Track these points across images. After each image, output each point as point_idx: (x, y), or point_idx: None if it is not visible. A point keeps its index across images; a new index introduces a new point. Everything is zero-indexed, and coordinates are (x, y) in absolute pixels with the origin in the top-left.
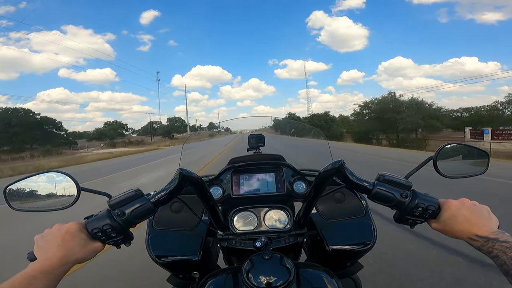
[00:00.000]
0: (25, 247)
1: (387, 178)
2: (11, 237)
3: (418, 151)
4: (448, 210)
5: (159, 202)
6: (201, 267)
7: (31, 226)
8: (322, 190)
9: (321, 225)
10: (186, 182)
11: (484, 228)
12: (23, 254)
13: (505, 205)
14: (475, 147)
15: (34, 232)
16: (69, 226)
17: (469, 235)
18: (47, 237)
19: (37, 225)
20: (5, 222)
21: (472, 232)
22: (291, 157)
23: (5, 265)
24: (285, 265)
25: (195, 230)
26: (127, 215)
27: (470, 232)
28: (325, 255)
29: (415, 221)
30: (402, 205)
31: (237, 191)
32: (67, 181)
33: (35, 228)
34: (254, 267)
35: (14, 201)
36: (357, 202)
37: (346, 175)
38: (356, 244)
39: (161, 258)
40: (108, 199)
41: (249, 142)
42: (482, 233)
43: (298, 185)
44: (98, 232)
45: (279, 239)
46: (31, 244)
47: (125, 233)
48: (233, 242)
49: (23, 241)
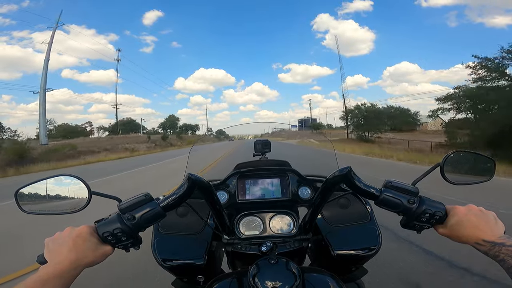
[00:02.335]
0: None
1: (394, 184)
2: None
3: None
4: (455, 216)
5: (168, 207)
6: (206, 271)
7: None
8: (328, 196)
9: (326, 230)
10: (195, 186)
11: (491, 233)
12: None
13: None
14: (482, 154)
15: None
16: (80, 229)
17: (476, 240)
18: (59, 240)
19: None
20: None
21: (479, 237)
22: (292, 159)
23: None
24: (291, 269)
25: (200, 234)
26: (137, 219)
27: (477, 237)
28: (330, 260)
29: (422, 227)
30: (409, 211)
31: (242, 196)
32: (78, 185)
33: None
34: (260, 272)
35: (25, 204)
36: (362, 208)
37: (354, 182)
38: (361, 249)
39: (166, 261)
40: (118, 203)
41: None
42: (488, 237)
43: (303, 190)
44: (108, 236)
45: (284, 244)
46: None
47: (135, 237)
48: (239, 246)
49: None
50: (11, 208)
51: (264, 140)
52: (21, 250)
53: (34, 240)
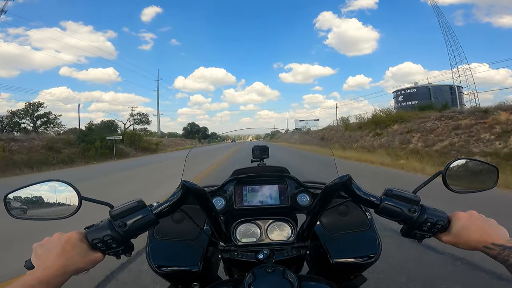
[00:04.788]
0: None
1: (395, 193)
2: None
3: None
4: (459, 221)
5: (161, 214)
6: (202, 278)
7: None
8: (327, 203)
9: (324, 238)
10: (189, 194)
11: (499, 237)
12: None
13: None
14: (485, 162)
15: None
16: (69, 235)
17: (485, 244)
18: (47, 246)
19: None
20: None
21: (488, 241)
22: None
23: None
24: (288, 278)
25: (196, 240)
26: (129, 226)
27: (486, 241)
28: (328, 268)
29: (423, 236)
30: (410, 220)
31: (240, 202)
32: (68, 191)
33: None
34: (256, 280)
35: (14, 209)
36: (361, 215)
37: (353, 189)
38: (360, 257)
39: (161, 268)
40: (110, 209)
41: (253, 154)
42: (498, 241)
43: (301, 197)
44: (98, 243)
45: (282, 252)
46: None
47: (126, 244)
48: (235, 253)
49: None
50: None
51: (263, 146)
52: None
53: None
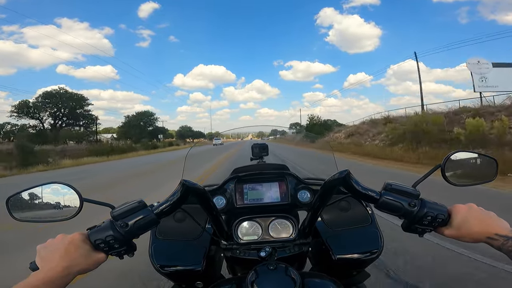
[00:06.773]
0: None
1: (394, 187)
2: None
3: None
4: (459, 214)
5: (162, 214)
6: (205, 277)
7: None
8: (327, 199)
9: (326, 234)
10: (189, 193)
11: (502, 227)
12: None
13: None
14: (484, 154)
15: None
16: (72, 236)
17: (488, 235)
18: (50, 247)
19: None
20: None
21: (491, 232)
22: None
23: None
24: (291, 275)
25: (198, 239)
26: (130, 226)
27: (489, 232)
28: (330, 264)
29: (424, 230)
30: (411, 214)
31: (240, 200)
32: (70, 193)
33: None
34: (259, 278)
35: (16, 211)
36: (362, 210)
37: (352, 184)
38: (363, 253)
39: (164, 267)
40: (111, 210)
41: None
42: (501, 231)
43: (302, 194)
44: (101, 243)
45: (284, 249)
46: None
47: (128, 244)
48: (237, 252)
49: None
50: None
51: (262, 144)
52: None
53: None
